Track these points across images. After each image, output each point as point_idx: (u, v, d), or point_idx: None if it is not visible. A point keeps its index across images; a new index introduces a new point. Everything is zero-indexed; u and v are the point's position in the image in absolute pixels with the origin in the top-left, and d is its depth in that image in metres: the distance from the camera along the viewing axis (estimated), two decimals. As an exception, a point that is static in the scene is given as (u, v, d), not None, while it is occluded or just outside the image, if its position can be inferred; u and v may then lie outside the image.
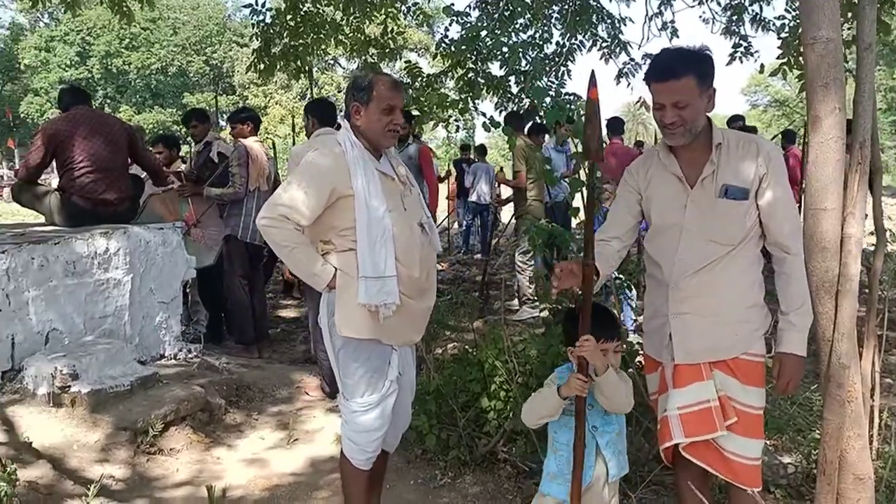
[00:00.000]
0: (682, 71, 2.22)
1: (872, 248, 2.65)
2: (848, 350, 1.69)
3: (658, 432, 2.47)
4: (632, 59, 7.63)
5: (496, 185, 11.70)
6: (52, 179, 7.82)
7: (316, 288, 2.66)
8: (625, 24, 7.74)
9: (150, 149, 6.02)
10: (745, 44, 7.32)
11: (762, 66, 7.12)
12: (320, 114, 5.08)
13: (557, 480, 2.49)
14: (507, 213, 11.99)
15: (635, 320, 5.54)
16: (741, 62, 7.33)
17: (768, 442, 3.63)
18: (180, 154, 7.02)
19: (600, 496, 2.48)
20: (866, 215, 2.19)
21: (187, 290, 5.87)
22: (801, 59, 6.44)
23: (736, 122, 8.15)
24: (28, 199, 5.04)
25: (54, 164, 4.92)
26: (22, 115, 35.84)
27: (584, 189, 3.45)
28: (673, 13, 7.65)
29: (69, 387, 3.75)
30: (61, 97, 5.14)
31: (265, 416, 4.41)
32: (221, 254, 5.81)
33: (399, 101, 2.63)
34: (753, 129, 11.78)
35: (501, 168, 11.28)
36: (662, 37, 7.58)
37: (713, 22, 7.62)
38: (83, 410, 3.71)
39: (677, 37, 7.62)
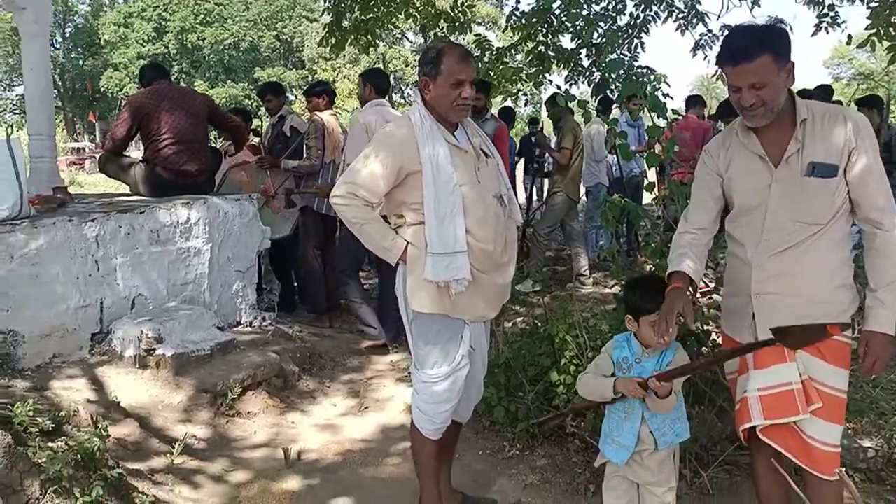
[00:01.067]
0: (755, 51, 2.13)
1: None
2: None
3: (736, 412, 2.43)
4: (709, 31, 7.34)
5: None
6: (133, 151, 8.12)
7: (389, 262, 2.70)
8: (702, -7, 7.46)
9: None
10: (831, 14, 6.98)
11: (849, 37, 6.79)
12: (376, 82, 5.19)
13: (608, 441, 2.54)
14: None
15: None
16: (827, 33, 6.99)
17: (848, 425, 3.53)
18: (252, 128, 7.18)
19: (648, 464, 2.49)
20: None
21: (261, 261, 6.03)
22: (891, 29, 6.14)
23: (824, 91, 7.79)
24: (114, 169, 5.28)
25: (139, 136, 5.12)
26: (102, 90, 37.21)
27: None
28: (754, -19, 7.33)
29: (154, 350, 3.93)
30: (143, 73, 5.33)
31: (336, 384, 4.54)
32: (297, 225, 5.95)
33: (468, 75, 2.58)
34: (839, 103, 11.27)
35: (542, 127, 10.99)
36: (743, 6, 7.28)
37: (797, -10, 7.30)
38: (167, 373, 3.89)
39: (759, 6, 7.30)
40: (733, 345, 2.47)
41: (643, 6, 7.40)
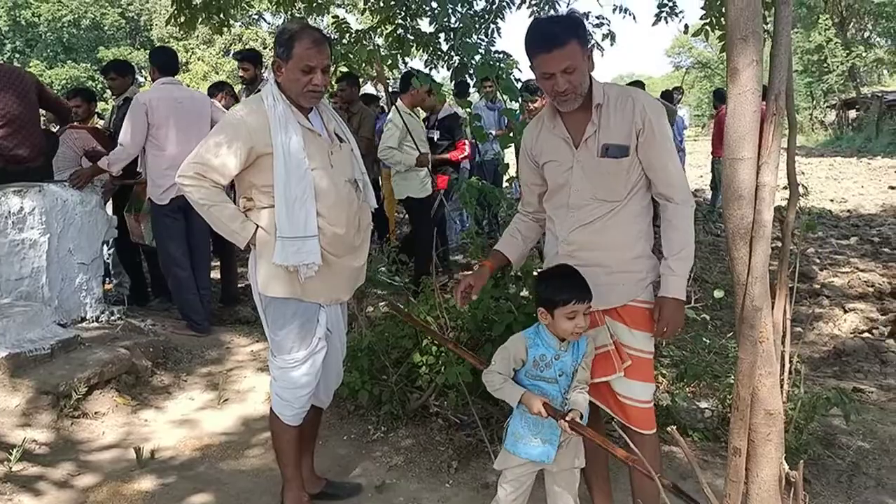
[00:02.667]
0: (565, 38, 2.28)
1: (785, 202, 2.77)
2: (760, 293, 1.77)
3: None
4: (577, 14, 7.64)
5: None
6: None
7: (238, 245, 2.64)
8: (554, -18, 7.71)
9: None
10: (669, 3, 7.41)
11: (686, 26, 7.24)
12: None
13: (523, 441, 2.45)
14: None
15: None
16: (666, 23, 7.41)
17: (687, 389, 3.80)
18: (96, 111, 6.72)
19: (571, 452, 2.49)
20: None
21: (109, 252, 5.68)
22: (723, 19, 6.61)
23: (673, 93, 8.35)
24: (-68, 156, 4.75)
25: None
26: (-79, 70, 33.54)
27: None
28: (600, -28, 7.65)
29: (-16, 351, 3.61)
30: None
31: (194, 377, 4.36)
32: None
33: (320, 61, 2.53)
34: (681, 91, 12.03)
35: None
36: (590, -5, 7.58)
37: (639, -20, 7.70)
38: (2, 375, 3.59)
39: (605, -5, 7.66)
40: None
41: (499, -8, 7.56)
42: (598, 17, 7.40)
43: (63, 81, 33.06)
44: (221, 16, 7.65)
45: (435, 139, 6.81)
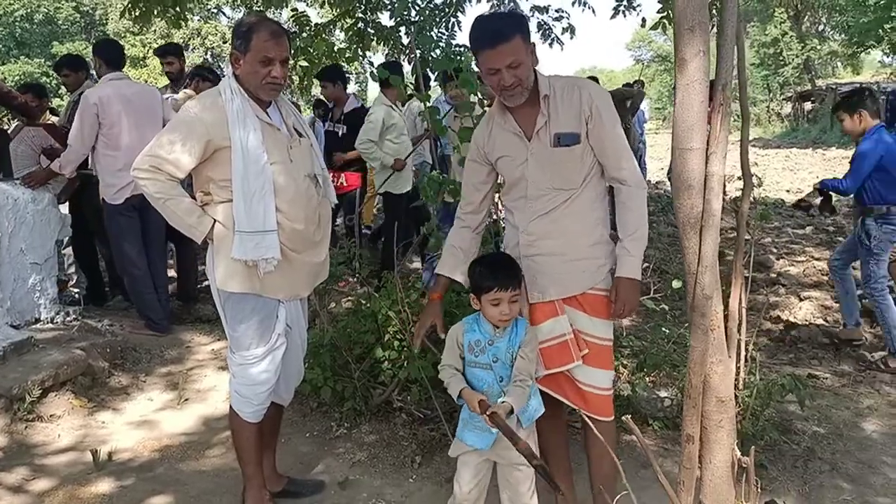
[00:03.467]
0: (509, 33, 2.32)
1: (740, 193, 2.81)
2: (710, 281, 1.80)
3: None
4: (519, 11, 7.66)
5: None
6: None
7: (195, 240, 2.61)
8: (513, -25, 7.73)
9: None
10: (627, -3, 7.48)
11: (643, 20, 7.32)
12: (106, 54, 4.95)
13: (469, 427, 2.47)
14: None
15: None
16: (624, 16, 7.50)
17: (648, 378, 3.85)
18: (51, 106, 6.56)
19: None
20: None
21: (62, 251, 5.55)
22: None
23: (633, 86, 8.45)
24: None
25: None
26: None
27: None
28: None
29: (-68, 355, 3.51)
30: None
31: (153, 378, 4.29)
32: None
33: (279, 53, 2.50)
34: (641, 84, 12.16)
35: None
36: (550, -12, 7.61)
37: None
38: (-50, 379, 3.49)
39: (564, -12, 7.70)
40: None
41: (459, -14, 7.55)
42: (557, 11, 7.46)
43: (16, 77, 32.12)
44: (177, 9, 7.54)
45: (340, 134, 6.67)
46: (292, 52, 6.42)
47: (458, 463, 2.57)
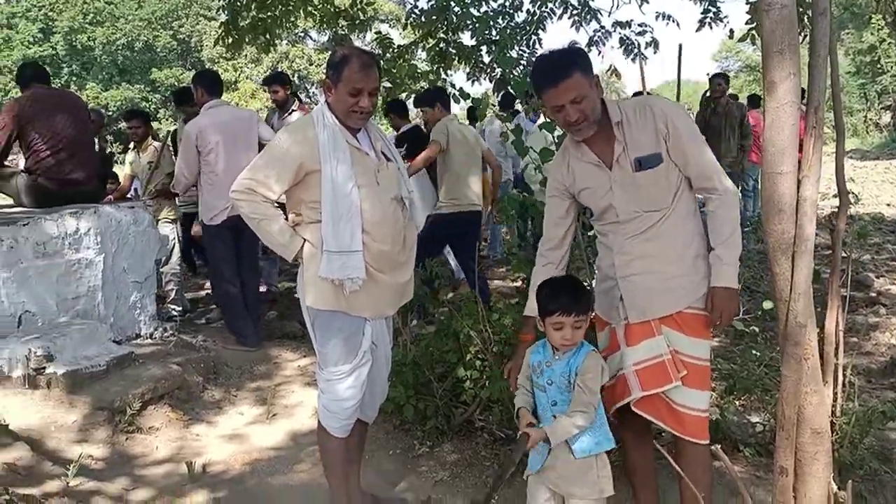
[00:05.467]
0: (570, 69, 2.33)
1: (836, 210, 2.71)
2: (804, 309, 1.74)
3: (610, 390, 2.56)
4: (602, 27, 7.61)
5: None
6: (19, 160, 7.68)
7: (287, 259, 2.73)
8: (595, -8, 7.70)
9: (125, 125, 6.00)
10: (714, 9, 7.32)
11: (731, 31, 7.15)
12: (205, 83, 5.17)
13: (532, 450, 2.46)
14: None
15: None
16: (710, 28, 7.33)
17: (738, 402, 3.72)
18: (154, 131, 6.89)
19: (566, 472, 2.41)
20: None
21: (160, 270, 5.82)
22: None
23: (718, 78, 8.17)
24: (-7, 182, 4.97)
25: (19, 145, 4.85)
26: (-15, 95, 34.97)
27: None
28: (643, -20, 7.59)
29: (44, 368, 3.74)
30: (21, 74, 5.02)
31: (244, 392, 4.44)
32: None
33: (368, 84, 2.60)
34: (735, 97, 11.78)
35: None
36: (632, 4, 7.55)
37: (683, -13, 7.61)
38: (60, 392, 3.71)
39: (647, 2, 7.59)
40: (604, 324, 2.66)
41: (539, 3, 7.57)
42: (640, 25, 7.37)
43: (118, 103, 34.08)
44: (267, 36, 7.84)
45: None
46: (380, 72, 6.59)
47: (527, 494, 2.60)
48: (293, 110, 6.08)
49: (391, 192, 2.72)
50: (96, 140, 5.97)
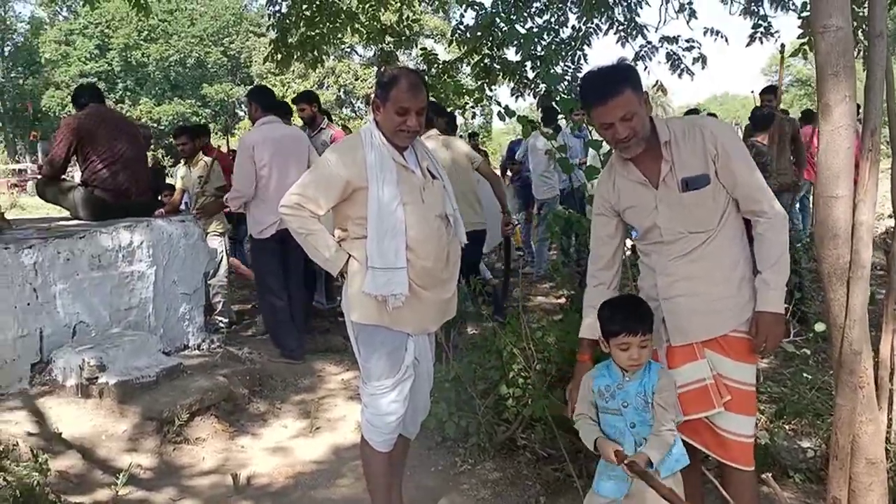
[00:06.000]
0: (619, 86, 2.29)
1: (891, 230, 2.64)
2: (859, 336, 1.70)
3: None
4: (649, 42, 7.56)
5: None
6: (74, 173, 7.93)
7: (331, 273, 2.77)
8: (641, 7, 7.66)
9: (174, 141, 6.16)
10: (764, 24, 7.22)
11: (783, 46, 7.02)
12: (261, 99, 5.25)
13: (604, 477, 2.42)
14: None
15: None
16: (761, 43, 7.23)
17: (787, 426, 3.63)
18: (206, 143, 6.91)
19: (651, 497, 2.31)
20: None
21: (208, 282, 5.94)
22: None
23: (767, 94, 7.93)
24: (53, 194, 5.16)
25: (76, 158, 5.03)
26: (44, 109, 36.21)
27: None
28: (690, -6, 7.53)
29: (97, 378, 3.84)
30: (78, 95, 5.20)
31: (288, 405, 4.49)
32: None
33: (415, 104, 2.63)
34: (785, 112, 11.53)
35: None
36: (680, 19, 7.49)
37: (732, 2, 7.53)
38: (111, 401, 3.81)
39: (695, 17, 7.52)
40: None
41: (585, 19, 7.56)
42: (687, 41, 7.30)
43: (170, 117, 35.04)
44: (315, 52, 7.99)
45: None
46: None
47: None
48: (322, 128, 6.12)
49: (436, 210, 2.75)
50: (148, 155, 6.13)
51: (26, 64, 38.44)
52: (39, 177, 5.61)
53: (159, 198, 6.24)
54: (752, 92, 8.11)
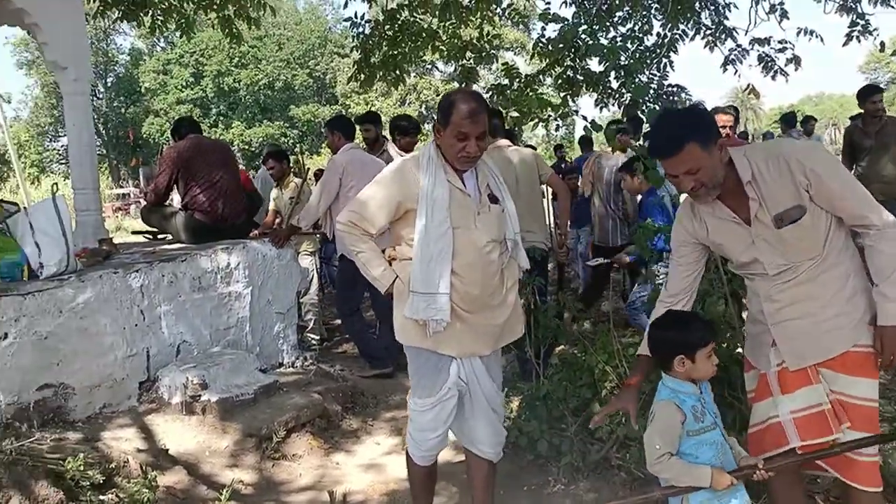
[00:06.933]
0: (682, 141, 2.20)
1: None
2: None
3: (758, 434, 2.43)
4: (738, 45, 7.32)
5: None
6: (173, 197, 8.32)
7: (380, 291, 2.81)
8: (729, 10, 7.44)
9: (263, 165, 6.40)
10: (862, 21, 6.88)
11: (882, 44, 6.68)
12: (342, 129, 5.39)
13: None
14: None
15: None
16: (858, 41, 6.88)
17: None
18: (293, 167, 7.22)
19: None
20: None
21: (300, 300, 6.10)
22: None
23: (874, 94, 7.25)
24: (157, 220, 5.48)
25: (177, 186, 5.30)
26: (144, 136, 38.25)
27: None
28: (782, -7, 7.25)
29: (200, 395, 4.00)
30: (177, 127, 5.52)
31: (380, 422, 4.55)
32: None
33: (475, 130, 2.59)
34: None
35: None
36: (771, 20, 7.24)
37: (826, 0, 7.20)
38: (213, 418, 3.95)
39: (787, 18, 7.23)
40: (749, 366, 2.57)
41: (670, 25, 7.40)
42: (780, 42, 7.04)
43: (260, 139, 36.37)
44: (397, 71, 8.12)
45: None
46: (507, 101, 6.60)
47: None
48: (385, 149, 6.11)
49: (489, 235, 2.70)
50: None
51: (127, 93, 40.75)
52: (144, 203, 5.95)
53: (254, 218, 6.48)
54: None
